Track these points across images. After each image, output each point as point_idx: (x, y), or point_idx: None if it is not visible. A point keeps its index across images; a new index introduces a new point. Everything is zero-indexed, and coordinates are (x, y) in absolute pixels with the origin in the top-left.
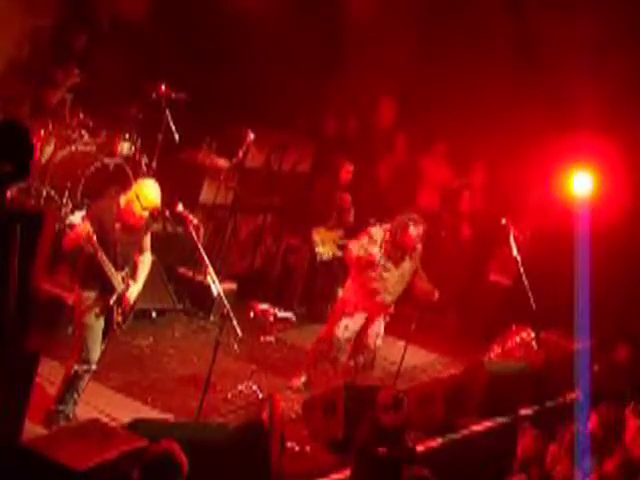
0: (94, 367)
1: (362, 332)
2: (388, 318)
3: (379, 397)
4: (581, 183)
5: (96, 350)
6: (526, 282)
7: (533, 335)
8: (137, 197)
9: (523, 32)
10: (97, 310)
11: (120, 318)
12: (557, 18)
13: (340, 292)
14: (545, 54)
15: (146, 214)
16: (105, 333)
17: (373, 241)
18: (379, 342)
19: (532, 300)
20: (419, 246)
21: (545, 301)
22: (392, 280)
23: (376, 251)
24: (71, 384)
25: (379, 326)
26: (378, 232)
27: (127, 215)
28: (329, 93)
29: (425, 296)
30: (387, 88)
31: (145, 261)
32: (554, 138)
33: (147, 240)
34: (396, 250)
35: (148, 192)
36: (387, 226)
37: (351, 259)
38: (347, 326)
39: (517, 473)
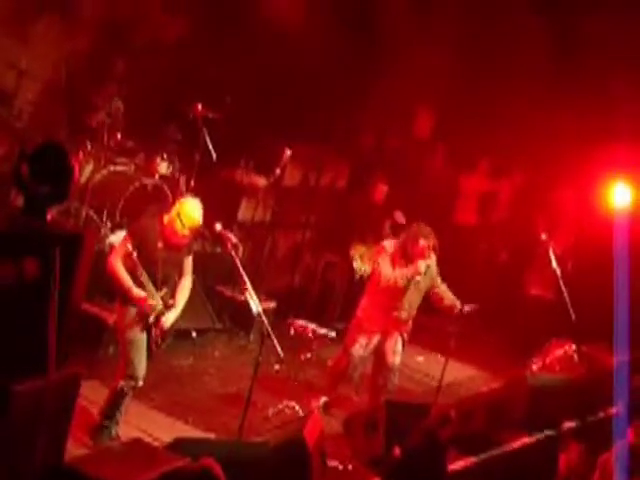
0: (140, 383)
1: (379, 351)
2: (406, 336)
3: (436, 411)
4: (620, 195)
5: (142, 366)
6: (566, 295)
7: (574, 348)
8: (179, 215)
9: (563, 41)
10: (139, 326)
11: (159, 339)
12: (599, 27)
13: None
14: (585, 64)
15: (188, 233)
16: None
17: (386, 255)
18: (397, 361)
19: (572, 313)
20: (433, 258)
21: (586, 314)
22: (407, 295)
23: (388, 266)
24: (116, 401)
25: (397, 344)
26: (390, 246)
27: (170, 234)
28: (366, 108)
29: (447, 310)
30: (424, 101)
31: (186, 285)
32: (593, 149)
33: (189, 262)
34: (406, 262)
35: (190, 210)
36: (396, 240)
37: (373, 275)
38: (363, 344)
39: None
